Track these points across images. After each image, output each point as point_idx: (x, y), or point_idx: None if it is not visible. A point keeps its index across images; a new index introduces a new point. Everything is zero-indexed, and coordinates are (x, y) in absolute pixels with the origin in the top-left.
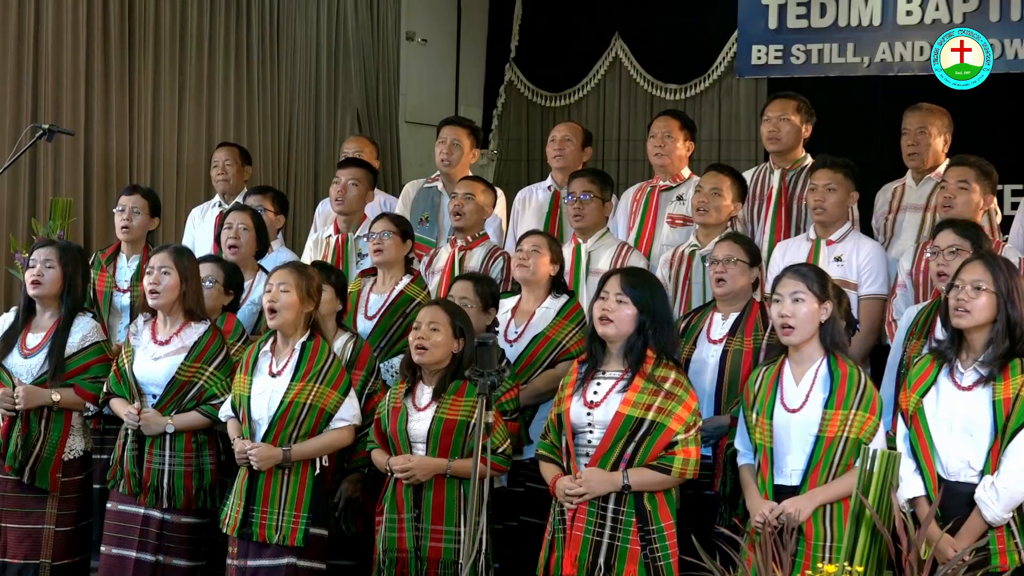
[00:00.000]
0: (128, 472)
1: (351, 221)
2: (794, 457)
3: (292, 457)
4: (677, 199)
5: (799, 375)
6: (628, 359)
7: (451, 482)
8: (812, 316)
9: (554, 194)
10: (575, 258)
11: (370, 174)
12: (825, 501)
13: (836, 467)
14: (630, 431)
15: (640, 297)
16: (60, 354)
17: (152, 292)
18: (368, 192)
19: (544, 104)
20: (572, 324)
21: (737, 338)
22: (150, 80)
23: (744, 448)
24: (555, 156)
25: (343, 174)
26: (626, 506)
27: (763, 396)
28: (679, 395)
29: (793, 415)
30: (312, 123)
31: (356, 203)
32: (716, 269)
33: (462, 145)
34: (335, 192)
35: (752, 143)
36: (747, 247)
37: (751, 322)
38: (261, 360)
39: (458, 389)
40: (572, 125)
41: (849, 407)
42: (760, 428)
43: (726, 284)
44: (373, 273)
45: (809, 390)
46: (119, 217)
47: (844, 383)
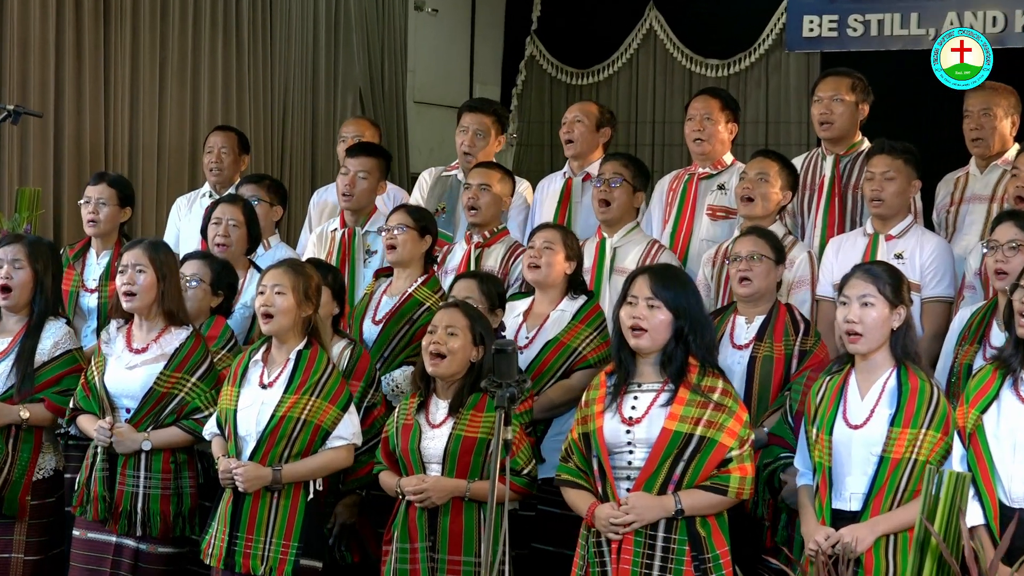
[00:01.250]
0: (97, 495)
1: (359, 214)
2: (855, 479)
3: (283, 479)
4: (718, 188)
5: (865, 387)
6: (667, 370)
7: (470, 507)
8: (882, 322)
9: (566, 181)
10: (598, 254)
11: (383, 162)
12: (888, 531)
13: (902, 493)
14: (678, 449)
15: (674, 299)
16: (28, 364)
17: (126, 293)
18: (381, 184)
19: (569, 82)
20: (590, 328)
21: (766, 343)
22: (127, 55)
23: (804, 467)
24: (565, 140)
25: (352, 164)
26: (678, 533)
27: (824, 409)
28: (729, 407)
29: (855, 432)
30: (309, 103)
31: (365, 198)
32: (739, 267)
33: (488, 134)
34: (343, 185)
35: (802, 125)
36: (772, 242)
37: (780, 326)
38: (251, 370)
39: (477, 403)
40: (584, 104)
41: (919, 425)
42: (820, 445)
43: (751, 284)
44: (391, 273)
45: (875, 405)
46: (85, 210)
47: (914, 398)
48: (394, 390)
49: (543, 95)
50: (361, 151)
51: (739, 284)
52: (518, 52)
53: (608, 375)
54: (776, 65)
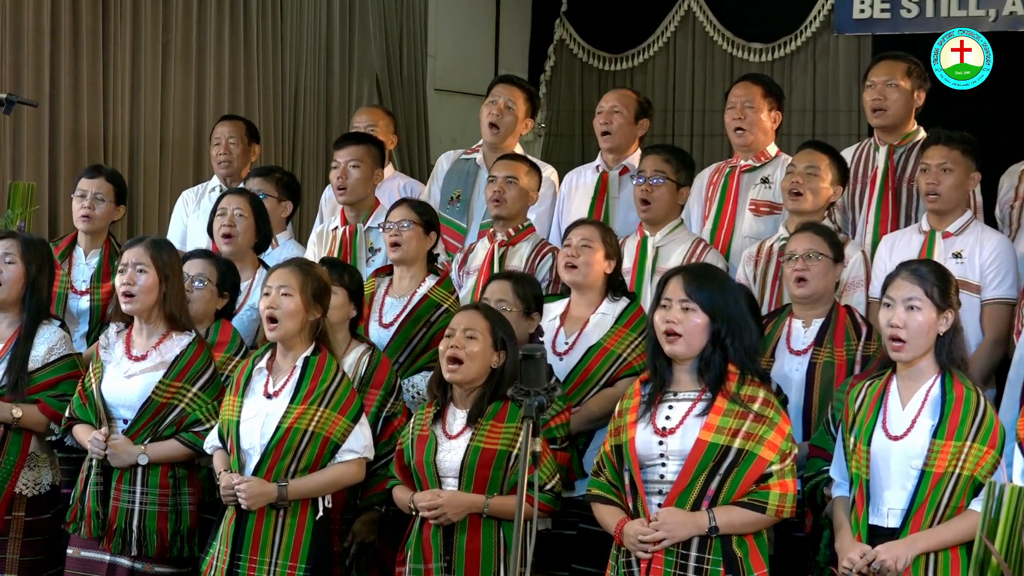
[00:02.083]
0: (90, 512)
1: (360, 209)
2: (893, 494)
3: (289, 495)
4: (762, 182)
5: (907, 396)
6: (705, 377)
7: (488, 524)
8: (928, 328)
9: (601, 175)
10: (639, 253)
11: (375, 150)
12: (928, 549)
13: (944, 509)
14: (714, 462)
15: (710, 301)
16: (22, 367)
17: (126, 295)
18: (376, 172)
19: (601, 67)
20: (634, 333)
21: (826, 348)
22: (128, 39)
23: (840, 478)
24: (602, 132)
25: (341, 155)
26: (712, 552)
27: (863, 418)
28: (771, 418)
29: (895, 443)
30: (323, 91)
31: (361, 188)
32: (795, 266)
33: (516, 109)
34: (335, 178)
35: (852, 114)
36: (830, 240)
37: (840, 329)
38: (255, 378)
39: (497, 413)
40: (623, 92)
41: (963, 438)
42: (857, 456)
43: (808, 284)
44: (389, 272)
45: (916, 415)
46: (78, 204)
47: (958, 409)
48: (415, 397)
49: (573, 82)
50: (348, 140)
51: (795, 284)
52: (547, 35)
53: (643, 383)
54: (824, 49)
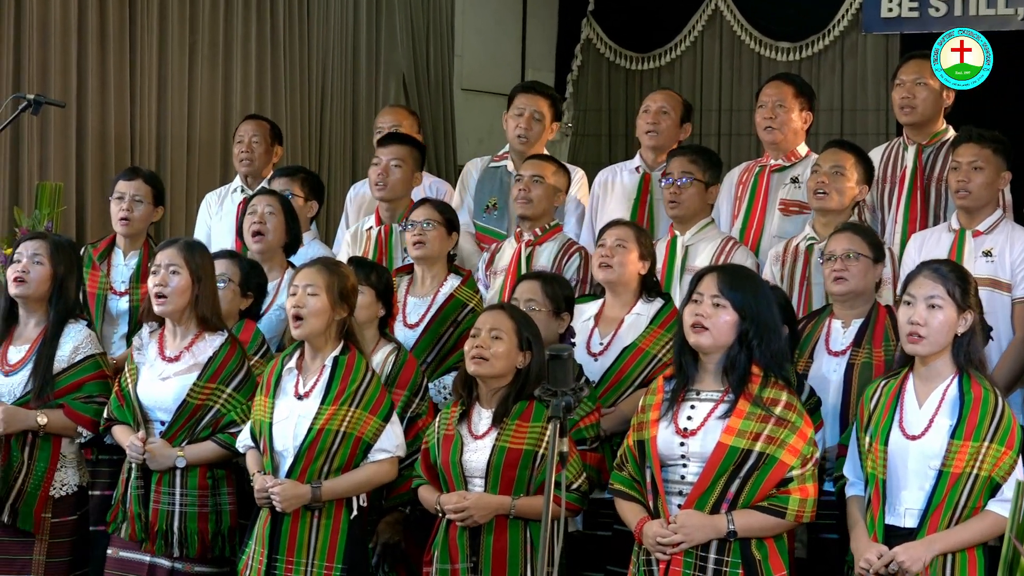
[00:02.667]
0: (132, 514)
1: (395, 209)
2: (910, 494)
3: (323, 496)
4: (791, 181)
5: (924, 395)
6: (729, 377)
7: (515, 525)
8: (948, 327)
9: (643, 176)
10: (669, 252)
11: (416, 152)
12: (946, 550)
13: (961, 510)
14: (734, 465)
15: (741, 300)
16: (48, 369)
17: (159, 296)
18: (415, 174)
19: (628, 67)
20: (669, 334)
21: (864, 349)
22: (155, 39)
23: (854, 477)
24: (648, 131)
25: (383, 153)
26: (731, 555)
27: (879, 417)
28: (792, 421)
29: (912, 443)
30: (349, 91)
31: (401, 188)
32: (834, 266)
33: (544, 118)
34: (375, 176)
35: (880, 113)
36: (870, 239)
37: (879, 330)
38: (285, 379)
39: (523, 412)
40: (671, 94)
41: (981, 438)
42: (873, 455)
43: (847, 283)
44: (409, 271)
45: (933, 414)
46: (116, 207)
47: (976, 409)
48: (447, 397)
49: (600, 81)
50: (393, 140)
51: (833, 284)
52: (574, 35)
53: (666, 380)
54: (852, 48)
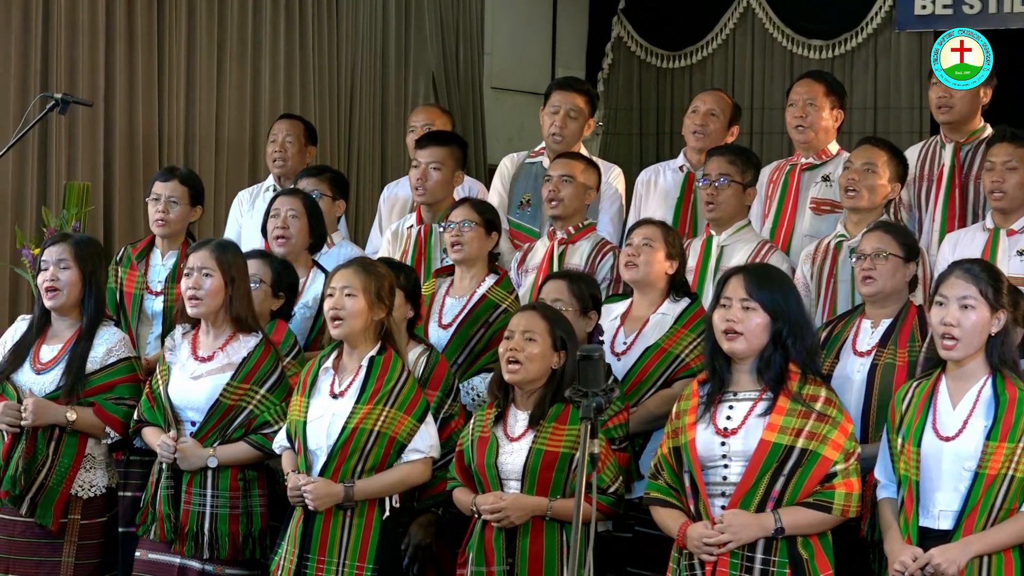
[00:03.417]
0: (162, 515)
1: (436, 209)
2: (945, 495)
3: (355, 495)
4: (823, 180)
5: (957, 396)
6: (765, 377)
7: (551, 527)
8: (981, 327)
9: (687, 176)
10: (704, 252)
11: (457, 151)
12: (982, 552)
13: (997, 511)
14: (778, 462)
15: (771, 300)
16: (80, 368)
17: (192, 298)
18: (457, 174)
19: (659, 65)
20: (693, 334)
21: (889, 349)
22: (183, 38)
23: (886, 479)
24: (695, 132)
25: (423, 155)
26: (777, 554)
27: (912, 418)
28: (833, 416)
29: (946, 444)
30: (378, 90)
31: (440, 190)
32: (863, 265)
33: (580, 115)
34: (415, 178)
35: (914, 112)
36: (901, 238)
37: (906, 330)
38: (321, 379)
39: (560, 414)
40: (721, 96)
41: (1017, 439)
42: (906, 457)
43: (875, 283)
44: (450, 272)
45: (968, 416)
46: (153, 208)
47: (1012, 410)
48: (475, 399)
49: (631, 80)
50: (431, 141)
51: (862, 283)
52: (604, 33)
53: (701, 384)
54: (885, 46)
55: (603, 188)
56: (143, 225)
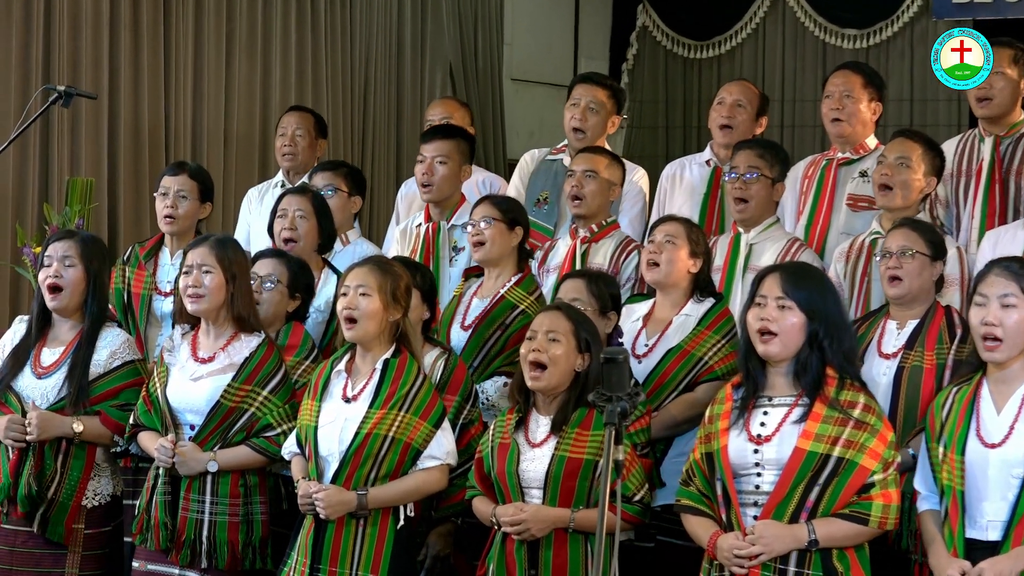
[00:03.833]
0: (158, 523)
1: (444, 207)
2: (993, 505)
3: (369, 504)
4: (860, 175)
5: (1001, 400)
6: (801, 381)
7: (575, 538)
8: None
9: (714, 170)
10: (731, 250)
11: (464, 145)
12: None
13: None
14: (813, 472)
15: (808, 300)
16: (83, 375)
17: (192, 296)
18: (464, 168)
19: (686, 55)
20: (717, 335)
21: (916, 351)
22: (190, 29)
23: (927, 490)
24: (722, 125)
25: (428, 150)
26: (811, 567)
27: (953, 425)
28: (872, 424)
29: (992, 451)
30: (393, 82)
31: (447, 186)
32: (889, 264)
33: (601, 109)
34: (420, 174)
35: (952, 104)
36: (928, 236)
37: (934, 331)
38: (334, 382)
39: (583, 419)
40: (747, 86)
41: None
42: (949, 466)
43: (902, 283)
44: (481, 273)
45: (1014, 420)
46: (161, 203)
47: None
48: (485, 403)
49: (657, 71)
50: (436, 134)
51: (888, 283)
52: (629, 22)
53: (735, 387)
54: (922, 35)
55: (626, 187)
56: (149, 223)
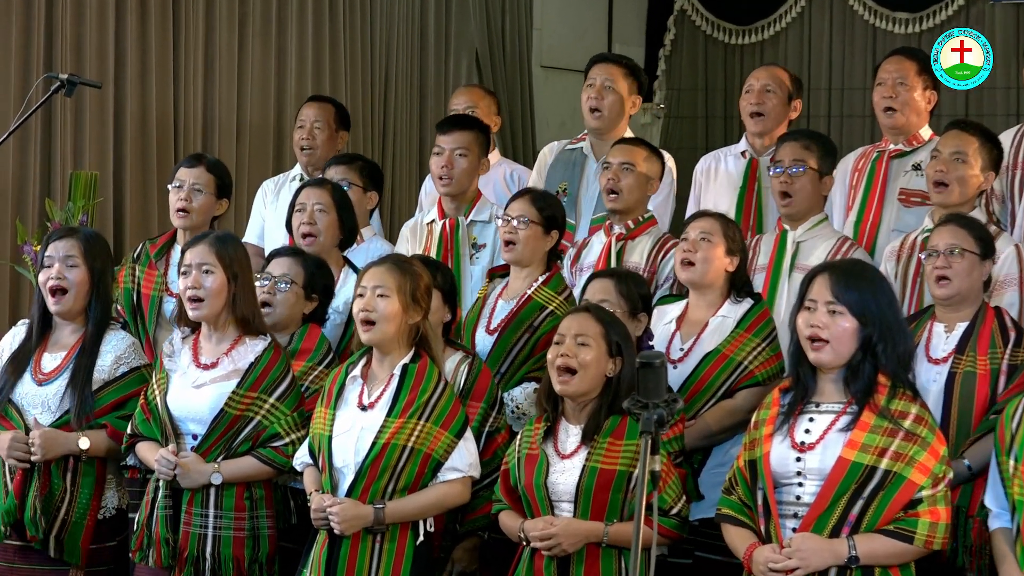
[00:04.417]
0: (159, 538)
1: (461, 202)
2: None
3: (386, 518)
4: (913, 169)
5: None
6: (852, 388)
7: (608, 554)
8: None
9: (750, 162)
10: (777, 248)
11: (482, 137)
12: None
13: None
14: (857, 484)
15: (860, 303)
16: (86, 382)
17: (192, 299)
18: (483, 161)
19: (727, 41)
20: (757, 338)
21: (968, 356)
22: (201, 14)
23: (998, 507)
24: (752, 113)
25: (446, 141)
26: None
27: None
28: (923, 436)
29: None
30: (416, 70)
31: (467, 180)
32: (937, 264)
33: (617, 88)
34: (437, 167)
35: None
36: (977, 233)
37: (985, 334)
38: (349, 388)
39: (616, 428)
40: (774, 70)
41: None
42: (1021, 479)
43: (950, 284)
44: (506, 272)
45: None
46: (175, 196)
47: None
48: (514, 411)
49: (696, 57)
50: (454, 125)
51: (935, 284)
52: (666, 5)
53: (783, 392)
54: (978, 19)
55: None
56: (157, 219)
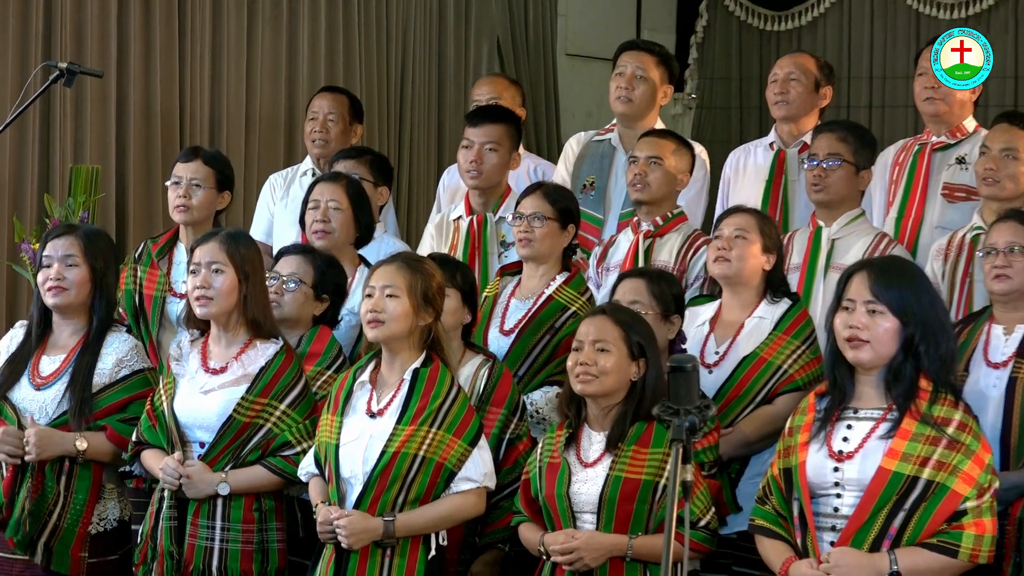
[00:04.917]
0: (163, 551)
1: (489, 197)
2: None
3: (397, 531)
4: (957, 162)
5: None
6: (892, 392)
7: (633, 568)
8: None
9: (777, 154)
10: (812, 246)
11: (514, 130)
12: None
13: None
14: (898, 495)
15: (900, 301)
16: (86, 384)
17: (200, 299)
18: (514, 155)
19: (762, 28)
20: (797, 340)
21: None
22: (208, 2)
23: None
24: (776, 101)
25: (475, 134)
26: None
27: None
28: (968, 444)
29: None
30: (435, 58)
31: (497, 174)
32: (996, 262)
33: (649, 77)
34: (466, 161)
35: None
36: None
37: None
38: (357, 394)
39: (641, 436)
40: (799, 57)
41: None
42: None
43: (1011, 281)
44: (517, 270)
45: None
46: (173, 192)
47: None
48: (534, 416)
49: (729, 45)
50: (485, 117)
51: (994, 281)
52: None
53: (818, 397)
54: None
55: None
56: (161, 216)
